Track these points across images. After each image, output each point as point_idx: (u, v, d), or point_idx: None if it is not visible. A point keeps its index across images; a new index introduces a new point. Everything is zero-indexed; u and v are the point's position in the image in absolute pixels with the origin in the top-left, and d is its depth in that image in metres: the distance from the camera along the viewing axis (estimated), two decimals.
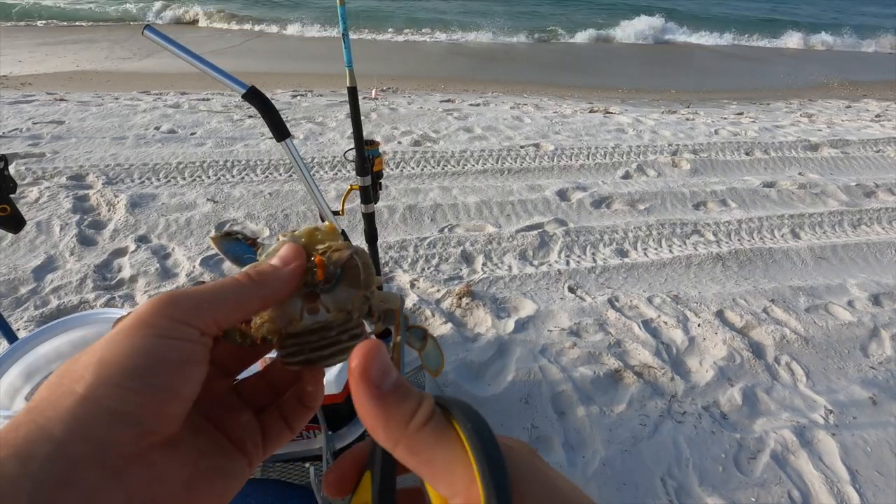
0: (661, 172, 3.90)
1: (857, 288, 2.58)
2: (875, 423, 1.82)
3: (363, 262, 0.31)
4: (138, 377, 0.23)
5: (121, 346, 0.24)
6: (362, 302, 0.31)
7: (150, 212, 2.84)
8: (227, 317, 0.27)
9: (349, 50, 0.98)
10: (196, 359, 0.25)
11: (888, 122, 5.84)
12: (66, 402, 0.22)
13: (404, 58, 8.76)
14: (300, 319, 0.30)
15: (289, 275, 0.29)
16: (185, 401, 0.25)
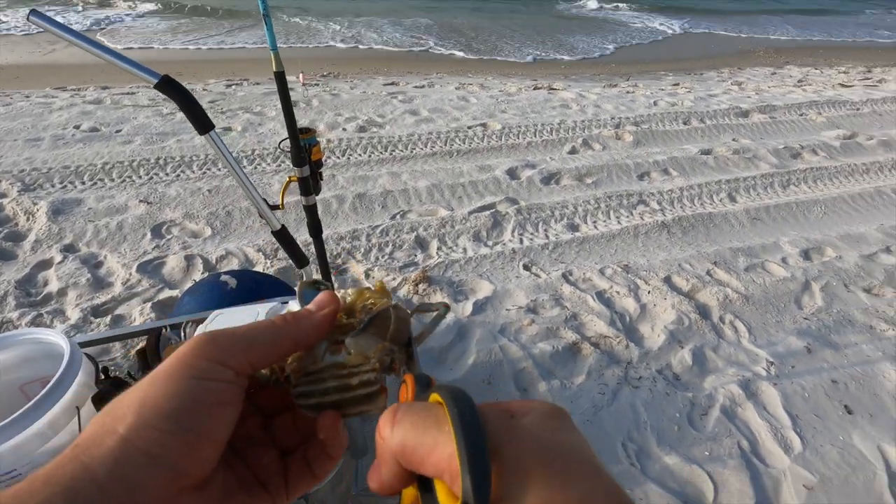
0: (606, 146, 3.98)
1: (790, 245, 2.75)
2: (811, 370, 1.96)
3: (397, 316, 0.31)
4: (174, 420, 0.24)
5: (161, 388, 0.25)
6: (384, 353, 0.31)
7: (76, 218, 2.63)
8: (260, 357, 0.28)
9: (272, 31, 0.91)
10: (229, 399, 0.27)
11: (809, 87, 6.21)
12: (108, 442, 0.23)
13: (344, 41, 8.48)
14: (321, 360, 0.31)
15: (321, 319, 0.30)
16: (217, 444, 0.26)
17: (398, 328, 0.31)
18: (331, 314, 0.31)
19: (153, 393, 0.25)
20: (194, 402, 0.25)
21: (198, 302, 1.53)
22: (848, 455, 1.64)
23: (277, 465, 0.32)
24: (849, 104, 5.30)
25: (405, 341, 0.32)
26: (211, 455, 0.26)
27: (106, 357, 1.84)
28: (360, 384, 0.30)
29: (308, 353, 0.31)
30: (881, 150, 4.19)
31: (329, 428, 0.30)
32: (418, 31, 9.43)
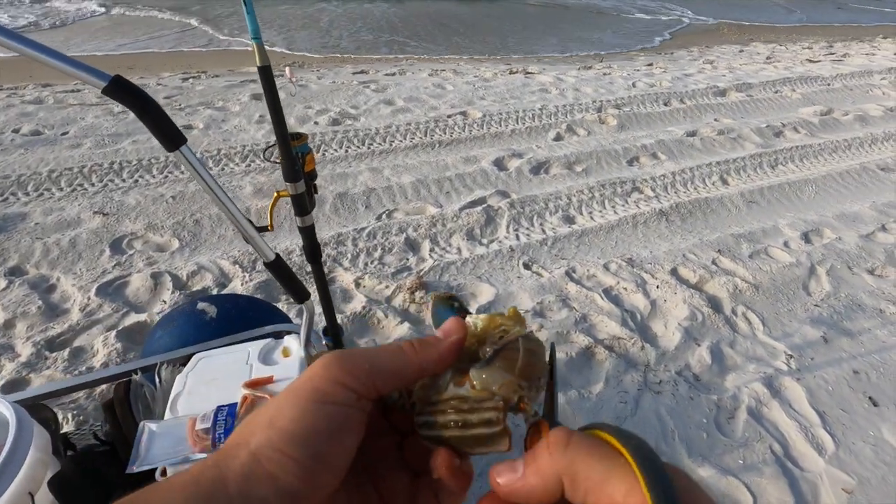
0: (591, 131, 3.86)
1: (789, 228, 2.69)
2: (830, 361, 1.89)
3: (527, 349, 0.29)
4: (297, 445, 0.25)
5: (287, 409, 0.26)
6: (511, 390, 0.28)
7: (21, 236, 2.33)
8: (385, 382, 0.28)
9: (254, 18, 0.72)
10: (351, 426, 0.26)
11: (779, 64, 6.25)
12: (241, 455, 0.25)
13: (306, 31, 8.09)
14: (444, 390, 0.29)
15: (447, 347, 0.29)
16: (338, 470, 0.26)
17: (528, 362, 0.28)
18: (457, 343, 0.30)
19: (280, 413, 0.26)
20: (317, 428, 0.25)
21: (172, 336, 1.33)
22: (882, 452, 1.58)
23: (406, 488, 0.31)
24: (820, 80, 5.34)
25: (538, 378, 0.29)
26: (331, 481, 0.26)
27: (67, 400, 1.60)
28: (480, 422, 0.27)
29: (433, 381, 0.29)
30: (858, 125, 4.22)
31: (442, 468, 0.28)
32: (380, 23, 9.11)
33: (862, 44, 8.15)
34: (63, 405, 1.57)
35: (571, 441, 0.23)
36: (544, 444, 0.24)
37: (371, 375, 0.27)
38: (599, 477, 0.21)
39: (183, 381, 1.02)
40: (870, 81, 5.39)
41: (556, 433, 0.24)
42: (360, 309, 2.00)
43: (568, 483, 0.22)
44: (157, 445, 0.88)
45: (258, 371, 1.02)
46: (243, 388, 0.97)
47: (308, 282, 1.75)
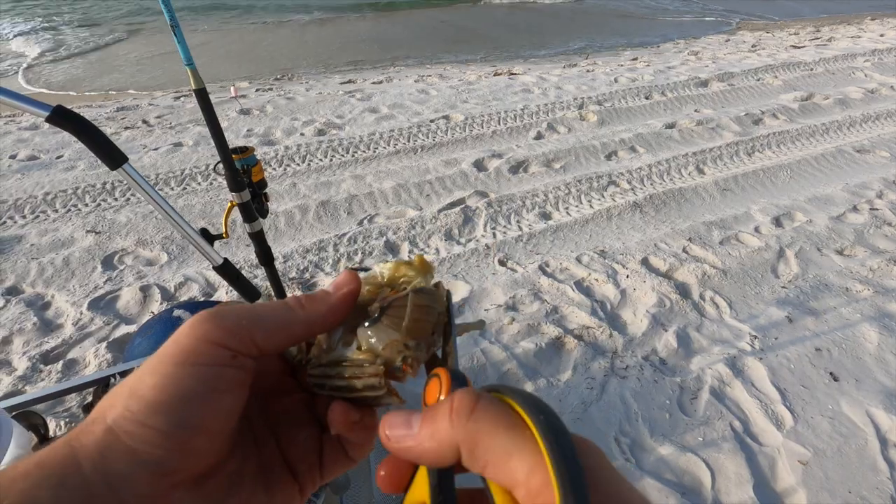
0: (571, 128, 3.93)
1: (760, 213, 2.74)
2: (794, 340, 1.95)
3: (416, 305, 0.27)
4: (162, 415, 0.22)
5: (150, 377, 0.23)
6: (396, 350, 0.26)
7: (17, 257, 2.44)
8: (268, 339, 0.26)
9: (184, 45, 0.80)
10: (228, 386, 0.24)
11: (763, 51, 6.28)
12: (97, 431, 0.22)
13: (292, 46, 8.23)
14: (332, 349, 0.28)
15: (336, 301, 0.27)
16: (215, 436, 0.24)
17: (417, 318, 0.27)
18: (348, 296, 0.27)
19: (141, 382, 0.23)
20: (186, 393, 0.23)
21: (150, 343, 1.42)
22: (839, 424, 1.63)
23: (314, 445, 0.29)
24: (802, 65, 5.38)
25: (429, 334, 0.27)
26: (209, 447, 0.23)
27: (60, 408, 1.70)
28: (364, 387, 0.26)
29: (327, 338, 0.28)
30: (838, 108, 4.25)
31: (339, 424, 0.27)
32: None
33: (849, 27, 8.16)
34: (56, 413, 1.67)
35: (476, 409, 0.21)
36: (446, 408, 0.21)
37: (249, 331, 0.25)
38: (502, 451, 0.20)
39: None
40: (853, 64, 5.42)
41: (461, 397, 0.22)
42: None
43: (466, 453, 0.21)
44: None
45: None
46: None
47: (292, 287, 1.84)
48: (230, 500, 0.25)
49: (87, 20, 9.60)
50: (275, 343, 0.26)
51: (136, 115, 4.35)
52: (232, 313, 0.25)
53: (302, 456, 0.29)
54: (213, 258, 0.88)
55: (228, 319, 0.25)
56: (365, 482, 1.33)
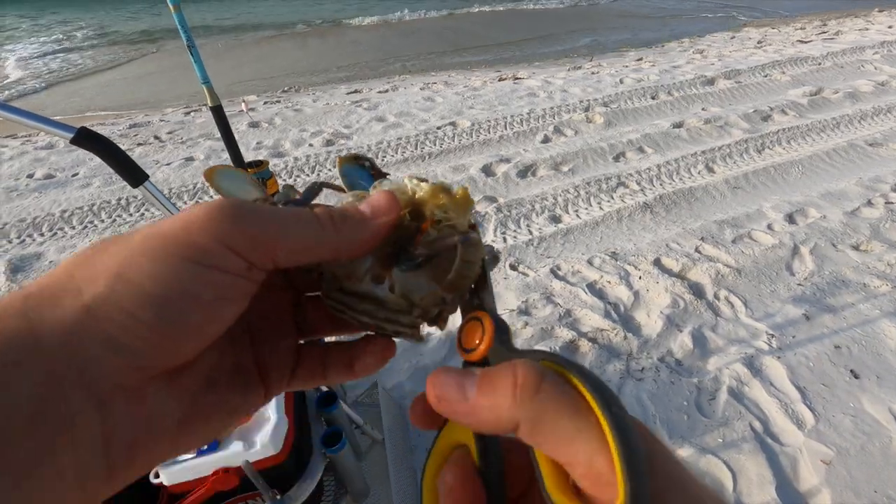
0: (578, 130, 3.93)
1: (773, 210, 2.72)
2: (811, 338, 1.92)
3: (464, 260, 0.24)
4: (154, 309, 0.19)
5: (147, 263, 0.20)
6: (435, 302, 0.25)
7: (38, 274, 2.49)
8: (288, 256, 0.22)
9: (201, 64, 0.82)
10: (232, 295, 0.21)
11: (770, 47, 6.24)
12: (67, 307, 0.19)
13: (297, 56, 8.33)
14: (360, 280, 0.25)
15: (374, 230, 0.24)
16: (204, 339, 0.21)
17: (461, 274, 0.25)
18: (385, 226, 0.24)
19: (137, 266, 0.20)
20: (188, 295, 0.20)
21: None
22: (861, 422, 1.61)
23: (292, 354, 0.27)
24: (810, 60, 5.33)
25: (467, 288, 0.26)
26: (193, 349, 0.21)
27: None
28: (393, 332, 0.25)
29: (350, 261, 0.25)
30: (848, 102, 4.21)
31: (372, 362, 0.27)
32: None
33: (856, 19, 8.08)
34: None
35: (542, 388, 0.20)
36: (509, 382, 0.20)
37: (271, 244, 0.21)
38: (566, 434, 0.19)
39: None
40: (861, 57, 5.36)
41: (526, 373, 0.20)
42: None
43: (526, 430, 0.20)
44: None
45: None
46: None
47: None
48: (205, 397, 0.23)
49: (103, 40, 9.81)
50: (294, 261, 0.23)
51: (148, 131, 4.43)
52: (257, 218, 0.22)
53: (276, 363, 0.27)
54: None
55: (253, 225, 0.21)
56: (384, 489, 1.33)
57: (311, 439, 1.15)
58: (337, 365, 0.27)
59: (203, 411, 0.23)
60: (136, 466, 0.20)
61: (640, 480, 0.18)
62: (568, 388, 0.20)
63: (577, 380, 0.20)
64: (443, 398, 0.21)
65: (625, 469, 0.18)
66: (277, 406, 1.02)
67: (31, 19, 13.10)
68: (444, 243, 0.25)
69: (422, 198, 0.26)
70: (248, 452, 0.95)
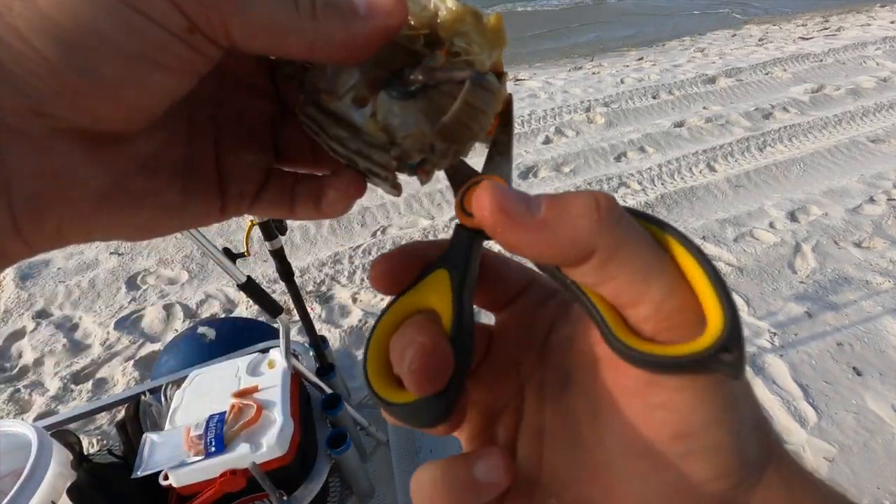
0: (579, 131, 3.94)
1: (775, 208, 2.72)
2: (814, 336, 1.93)
3: (468, 102, 0.20)
4: (55, 42, 0.15)
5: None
6: (420, 147, 0.21)
7: (46, 281, 2.53)
8: (246, 34, 0.17)
9: None
10: (165, 61, 0.17)
11: (771, 45, 6.23)
12: None
13: None
14: (339, 98, 0.21)
15: (364, 32, 0.18)
16: (125, 106, 0.17)
17: (460, 120, 0.21)
18: (382, 32, 0.19)
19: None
20: (100, 36, 0.15)
21: (177, 360, 1.46)
22: (864, 419, 1.61)
23: (260, 174, 0.24)
24: (812, 57, 5.32)
25: (466, 141, 0.22)
26: (114, 115, 0.17)
27: (92, 426, 1.75)
28: (364, 169, 0.22)
29: (333, 71, 0.21)
30: (850, 99, 4.20)
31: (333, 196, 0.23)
32: None
33: (859, 15, 8.05)
34: (88, 432, 1.72)
35: (624, 216, 0.18)
36: (589, 205, 0.18)
37: (228, 12, 0.17)
38: (642, 268, 0.17)
39: (181, 396, 1.14)
40: (863, 53, 5.35)
41: (607, 199, 0.18)
42: (356, 322, 2.12)
43: (598, 262, 0.18)
44: (158, 453, 1.01)
45: (245, 382, 1.14)
46: (232, 397, 1.10)
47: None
48: (136, 181, 0.20)
49: None
50: (255, 45, 0.18)
51: None
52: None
53: (240, 177, 0.23)
54: (237, 276, 0.92)
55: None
56: (389, 490, 1.35)
57: (317, 441, 1.17)
58: (304, 197, 0.24)
59: (131, 195, 0.20)
60: (46, 228, 0.18)
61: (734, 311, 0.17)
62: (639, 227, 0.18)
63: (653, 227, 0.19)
64: (508, 210, 0.18)
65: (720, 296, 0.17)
66: (283, 408, 1.05)
67: None
68: (449, 74, 0.20)
69: (444, 19, 0.21)
70: (255, 454, 0.97)
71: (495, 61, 0.22)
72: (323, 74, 0.21)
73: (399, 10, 0.19)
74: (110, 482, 1.02)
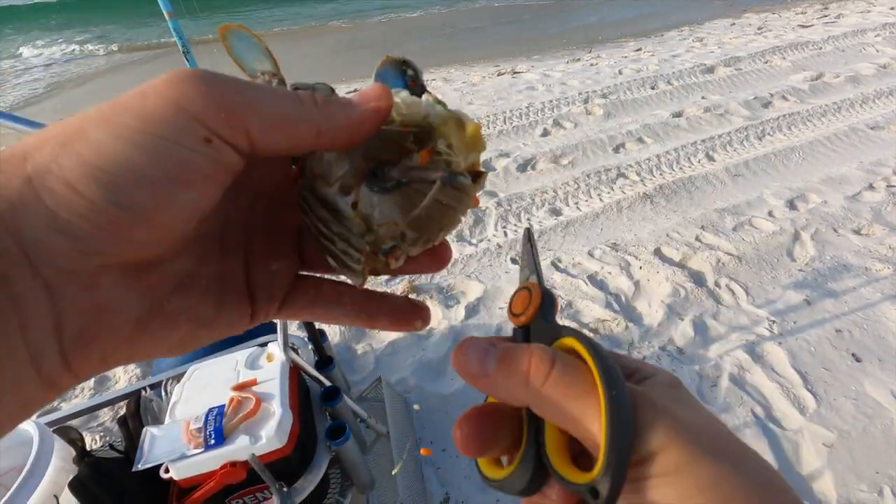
0: (577, 123, 3.93)
1: (773, 197, 2.72)
2: (813, 323, 1.93)
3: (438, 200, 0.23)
4: (96, 183, 0.17)
5: (95, 130, 0.17)
6: (392, 234, 0.23)
7: None
8: (264, 131, 0.19)
9: None
10: (189, 175, 0.18)
11: (770, 33, 6.20)
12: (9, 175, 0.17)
13: (294, 56, 8.35)
14: (328, 184, 0.23)
15: (359, 116, 0.21)
16: (161, 229, 0.19)
17: (430, 215, 0.23)
18: (375, 114, 0.21)
19: (82, 133, 0.17)
20: (133, 169, 0.17)
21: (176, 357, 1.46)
22: (863, 405, 1.62)
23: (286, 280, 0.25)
24: (811, 45, 5.29)
25: (436, 232, 0.24)
26: (152, 240, 0.19)
27: (94, 423, 1.76)
28: (341, 252, 0.23)
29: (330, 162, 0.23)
30: (849, 86, 4.18)
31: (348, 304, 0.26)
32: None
33: (858, 1, 7.99)
34: (91, 428, 1.74)
35: (551, 377, 0.23)
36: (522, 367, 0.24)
37: (241, 113, 0.19)
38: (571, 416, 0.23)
39: (180, 391, 1.15)
40: (863, 40, 5.31)
41: (538, 360, 0.24)
42: None
43: (536, 409, 0.24)
44: (158, 446, 1.01)
45: (244, 375, 1.14)
46: (231, 390, 1.10)
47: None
48: (173, 300, 0.21)
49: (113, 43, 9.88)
50: (272, 140, 0.20)
51: None
52: (225, 82, 0.19)
53: (267, 284, 0.25)
54: None
55: (217, 87, 0.18)
56: (390, 482, 1.36)
57: (317, 433, 1.18)
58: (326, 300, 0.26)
59: (168, 315, 0.21)
60: (92, 358, 0.19)
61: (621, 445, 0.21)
62: (578, 372, 0.23)
63: (591, 360, 0.23)
64: (466, 372, 0.24)
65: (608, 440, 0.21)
66: (282, 400, 1.05)
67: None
68: (421, 174, 0.22)
69: (432, 122, 0.23)
70: (255, 446, 0.97)
71: (472, 163, 0.24)
72: (320, 162, 0.23)
73: (385, 95, 0.22)
74: (112, 476, 1.02)
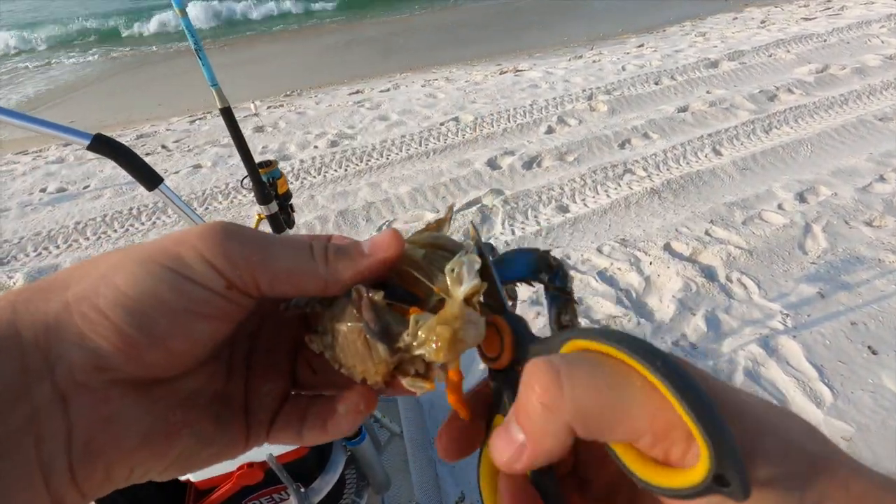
0: (582, 119, 3.91)
1: (783, 190, 2.70)
2: (827, 316, 1.91)
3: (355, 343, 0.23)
4: (124, 310, 0.20)
5: (130, 266, 0.21)
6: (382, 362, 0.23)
7: None
8: (272, 284, 0.22)
9: (209, 67, 0.84)
10: (207, 312, 0.21)
11: (773, 26, 6.16)
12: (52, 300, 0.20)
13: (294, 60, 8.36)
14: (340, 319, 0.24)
15: (366, 267, 0.23)
16: (175, 354, 0.21)
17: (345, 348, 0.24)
18: (381, 264, 0.23)
19: (119, 268, 0.21)
20: (159, 302, 0.20)
21: None
22: (881, 398, 1.60)
23: (275, 402, 0.26)
24: (815, 37, 5.26)
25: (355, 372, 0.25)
26: (165, 362, 0.21)
27: None
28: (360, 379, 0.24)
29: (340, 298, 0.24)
30: (856, 78, 4.15)
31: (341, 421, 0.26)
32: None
33: None
34: None
35: (562, 378, 0.18)
36: (532, 397, 0.18)
37: (256, 269, 0.21)
38: (618, 410, 0.17)
39: None
40: (868, 31, 5.28)
41: (539, 377, 0.18)
42: None
43: (581, 428, 0.18)
44: None
45: None
46: None
47: None
48: (175, 416, 0.22)
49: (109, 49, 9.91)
50: (282, 291, 0.22)
51: (155, 140, 4.48)
52: (245, 239, 0.22)
53: (258, 405, 0.26)
54: None
55: (236, 247, 0.21)
56: (405, 481, 1.35)
57: None
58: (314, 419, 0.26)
59: (171, 430, 0.22)
60: (97, 473, 0.20)
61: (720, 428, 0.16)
62: (589, 363, 0.18)
63: (593, 342, 0.19)
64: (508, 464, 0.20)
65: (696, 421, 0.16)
66: None
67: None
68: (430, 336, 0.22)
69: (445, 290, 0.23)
70: (272, 447, 0.96)
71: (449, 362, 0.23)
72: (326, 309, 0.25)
73: (396, 244, 0.23)
74: None
